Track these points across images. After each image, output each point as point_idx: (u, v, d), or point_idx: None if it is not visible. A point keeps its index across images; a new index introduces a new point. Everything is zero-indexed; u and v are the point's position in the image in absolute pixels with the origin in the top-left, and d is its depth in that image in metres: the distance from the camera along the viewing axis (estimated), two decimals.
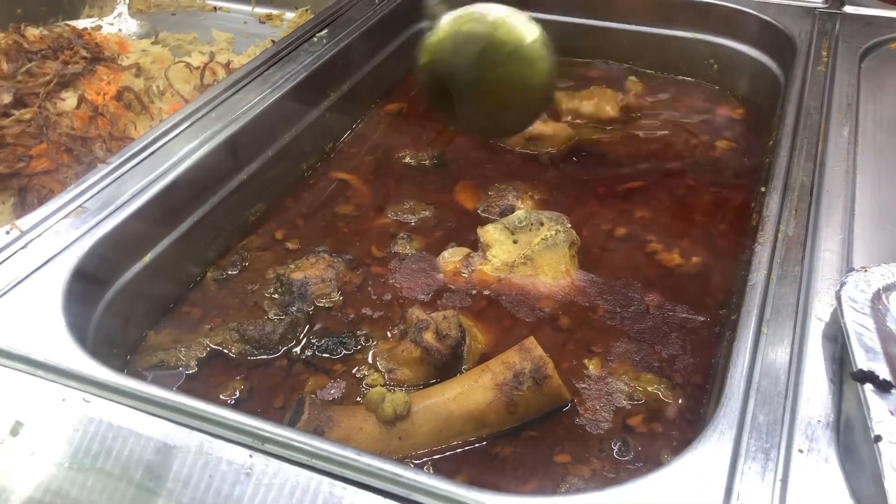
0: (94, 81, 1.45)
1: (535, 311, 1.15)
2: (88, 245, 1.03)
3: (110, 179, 1.15)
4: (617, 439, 0.96)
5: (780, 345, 0.86)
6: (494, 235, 1.24)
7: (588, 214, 1.35)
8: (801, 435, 0.76)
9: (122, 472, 0.78)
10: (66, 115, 1.38)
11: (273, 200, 1.39)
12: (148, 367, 1.08)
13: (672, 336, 1.10)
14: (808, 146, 1.19)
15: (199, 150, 1.22)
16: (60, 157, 1.33)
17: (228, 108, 1.33)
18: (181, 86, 1.59)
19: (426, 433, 0.94)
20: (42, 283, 0.97)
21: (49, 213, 1.08)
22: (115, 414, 0.82)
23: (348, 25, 1.61)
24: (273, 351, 1.09)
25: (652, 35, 1.75)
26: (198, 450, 0.78)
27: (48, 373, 0.86)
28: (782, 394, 0.81)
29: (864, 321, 0.81)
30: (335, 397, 1.03)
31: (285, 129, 1.42)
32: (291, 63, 1.47)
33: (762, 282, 0.95)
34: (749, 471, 0.73)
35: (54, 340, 0.90)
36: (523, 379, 0.96)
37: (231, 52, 1.90)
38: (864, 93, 1.32)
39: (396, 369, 1.05)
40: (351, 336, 1.11)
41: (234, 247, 1.30)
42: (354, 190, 1.44)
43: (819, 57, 1.42)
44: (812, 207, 1.06)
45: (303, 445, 0.76)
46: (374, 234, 1.32)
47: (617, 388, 1.03)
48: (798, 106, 1.29)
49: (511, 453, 0.95)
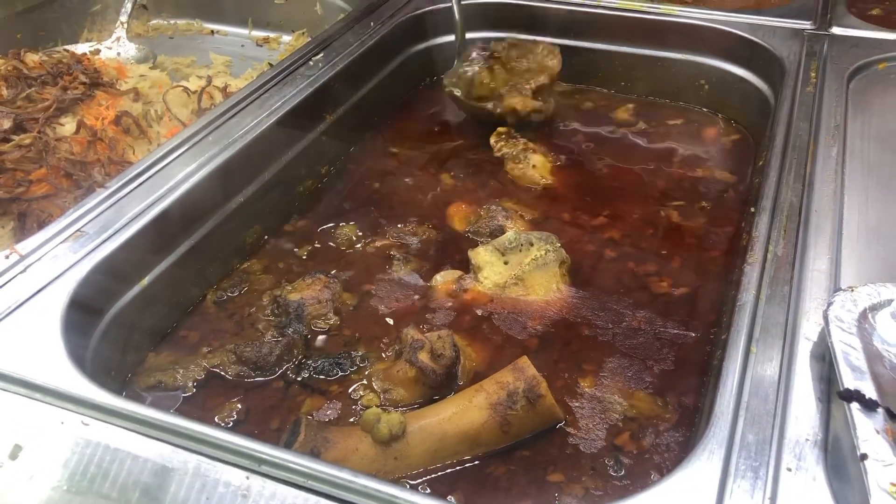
0: (93, 106, 1.47)
1: (527, 329, 1.17)
2: (87, 269, 1.04)
3: (109, 203, 1.16)
4: (609, 458, 0.97)
5: (769, 364, 0.88)
6: (485, 257, 1.25)
7: (578, 233, 1.37)
8: (790, 453, 0.77)
9: (120, 494, 0.78)
10: (65, 140, 1.39)
11: (270, 223, 1.40)
12: (146, 388, 1.09)
13: (664, 352, 1.11)
14: (797, 166, 1.20)
15: (196, 174, 1.24)
16: (59, 181, 1.34)
17: (225, 131, 1.34)
18: (179, 110, 1.61)
19: (421, 453, 0.95)
20: (41, 306, 0.98)
21: (48, 238, 1.09)
22: (113, 437, 0.83)
23: (344, 49, 1.63)
24: (270, 372, 1.10)
25: (641, 57, 1.77)
26: (195, 472, 0.79)
27: (47, 396, 0.87)
28: (771, 413, 0.82)
29: (850, 340, 0.83)
30: (331, 418, 1.04)
31: (282, 152, 1.43)
32: (288, 87, 1.49)
33: (751, 301, 0.96)
34: (738, 489, 0.75)
35: (53, 364, 0.90)
36: (517, 398, 0.97)
37: (229, 75, 1.93)
38: (852, 113, 1.34)
39: (392, 389, 1.06)
40: (347, 357, 1.12)
41: (233, 269, 1.31)
42: (350, 212, 1.46)
43: (808, 78, 1.44)
44: (801, 227, 1.08)
45: (299, 467, 0.77)
46: (370, 256, 1.34)
47: (609, 406, 1.04)
48: (787, 127, 1.31)
49: (505, 472, 0.96)
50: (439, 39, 1.74)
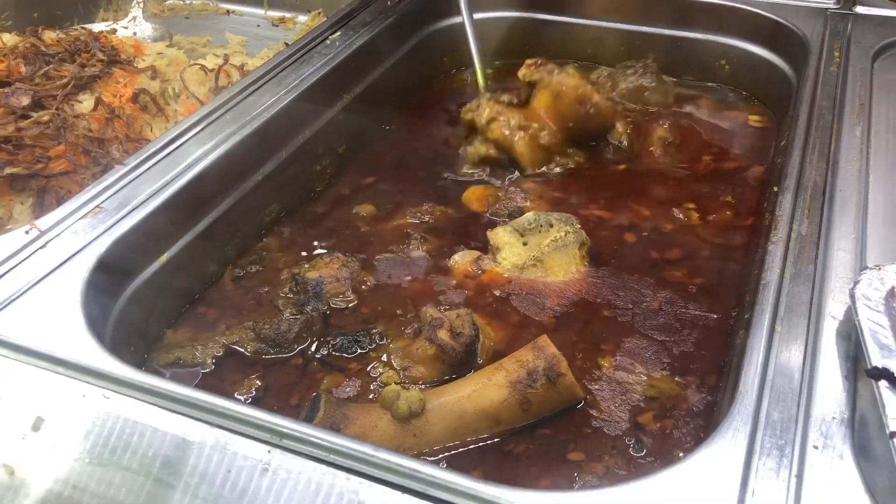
0: (111, 84, 1.46)
1: (546, 309, 1.16)
2: (106, 244, 1.05)
3: (127, 180, 1.16)
4: (630, 437, 0.96)
5: (794, 343, 0.87)
6: (504, 238, 1.24)
7: (598, 215, 1.35)
8: (816, 432, 0.76)
9: (141, 466, 0.78)
10: (84, 118, 1.39)
11: (287, 201, 1.40)
12: (165, 364, 1.09)
13: (684, 333, 1.10)
14: (820, 146, 1.19)
15: (214, 152, 1.23)
16: (78, 158, 1.34)
17: (243, 109, 1.34)
18: (196, 88, 1.61)
19: (440, 430, 0.95)
20: (61, 281, 0.99)
21: (67, 214, 1.09)
22: (134, 410, 0.83)
23: (361, 27, 1.62)
24: (288, 350, 1.10)
25: (662, 36, 1.75)
26: (215, 445, 0.79)
27: (68, 369, 0.87)
28: (796, 391, 0.81)
29: (878, 319, 0.82)
30: (350, 395, 1.03)
31: (300, 130, 1.42)
32: (305, 65, 1.48)
33: (776, 280, 0.95)
34: (764, 467, 0.74)
35: (74, 338, 0.91)
36: (537, 377, 0.97)
37: (244, 54, 1.92)
38: (877, 93, 1.32)
39: (411, 367, 1.05)
40: (366, 334, 1.12)
41: (251, 247, 1.31)
42: (368, 191, 1.45)
43: (831, 57, 1.42)
44: (825, 207, 1.06)
45: (321, 441, 0.77)
46: (388, 235, 1.33)
47: (630, 385, 1.03)
48: (810, 106, 1.29)
49: (525, 451, 0.95)
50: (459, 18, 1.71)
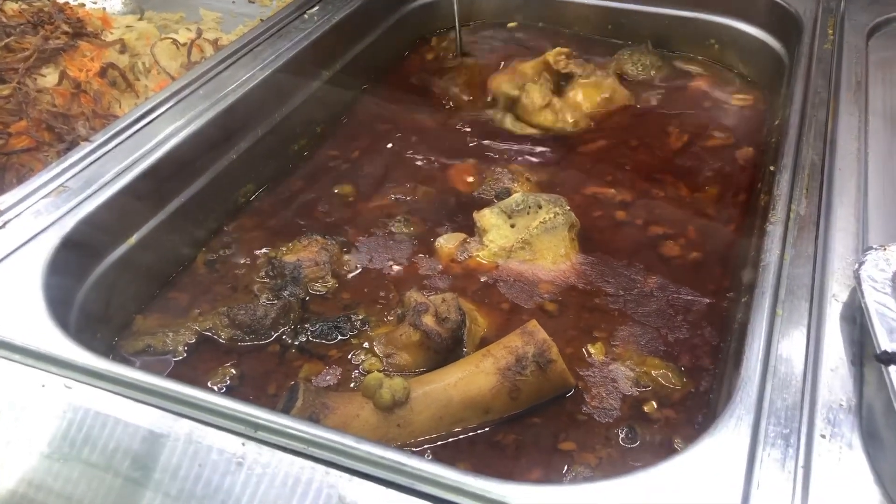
0: (77, 57, 1.40)
1: (535, 295, 1.12)
2: (70, 225, 1.00)
3: (93, 158, 1.11)
4: (623, 426, 0.92)
5: (797, 327, 0.83)
6: (491, 220, 1.20)
7: (587, 196, 1.31)
8: (823, 420, 0.73)
9: (107, 462, 0.74)
10: (47, 92, 1.33)
11: (263, 181, 1.35)
12: (134, 352, 1.03)
13: (677, 319, 1.07)
14: (817, 125, 1.15)
15: (185, 129, 1.18)
16: (41, 134, 1.28)
17: (216, 85, 1.28)
18: (168, 63, 1.55)
19: (426, 420, 0.90)
20: (21, 263, 0.94)
21: (29, 193, 1.04)
22: (99, 401, 0.78)
23: (341, 2, 1.56)
24: (265, 336, 1.05)
25: (651, 14, 1.71)
26: (187, 438, 0.74)
27: (26, 357, 0.82)
28: (800, 377, 0.77)
29: (885, 301, 0.78)
30: (331, 384, 0.99)
31: (276, 107, 1.37)
32: (282, 40, 1.42)
33: (775, 262, 0.92)
34: (769, 457, 0.70)
35: (34, 324, 0.86)
36: (526, 363, 0.93)
37: (219, 31, 1.85)
38: (873, 70, 1.28)
39: (395, 354, 1.01)
40: (346, 320, 1.07)
41: (224, 229, 1.26)
42: (347, 170, 1.40)
43: (825, 35, 1.39)
44: (824, 186, 1.03)
45: (298, 433, 0.72)
46: (370, 216, 1.28)
47: (622, 373, 0.99)
48: (805, 84, 1.25)
49: (514, 441, 0.91)
50: None
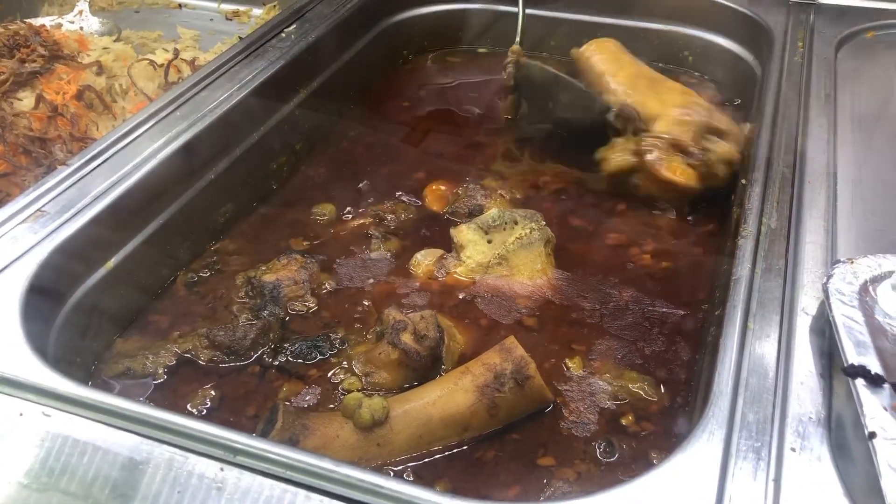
0: (53, 80, 1.40)
1: (513, 311, 1.13)
2: (48, 250, 0.99)
3: (71, 182, 1.10)
4: (602, 440, 0.93)
5: (767, 340, 0.84)
6: (468, 236, 1.21)
7: (562, 210, 1.32)
8: (793, 433, 0.74)
9: (87, 491, 0.73)
10: (24, 116, 1.33)
11: (242, 201, 1.35)
12: (114, 375, 1.03)
13: (653, 332, 1.08)
14: (787, 138, 1.17)
15: (163, 150, 1.18)
16: (18, 159, 1.27)
17: (194, 106, 1.28)
18: (145, 84, 1.55)
19: (405, 439, 0.91)
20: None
21: (6, 218, 1.03)
22: (78, 428, 0.78)
23: (318, 20, 1.57)
24: (245, 357, 1.05)
25: (623, 28, 1.73)
26: (167, 464, 0.74)
27: (4, 386, 0.82)
28: (771, 391, 0.79)
29: (852, 314, 0.80)
30: (311, 404, 0.99)
31: (254, 127, 1.37)
32: (259, 59, 1.42)
33: (747, 276, 0.93)
34: (740, 471, 0.71)
35: (11, 351, 0.85)
36: (504, 380, 0.93)
37: (197, 49, 1.86)
38: (842, 83, 1.31)
39: (374, 372, 1.01)
40: (326, 339, 1.07)
41: (205, 250, 1.26)
42: (326, 189, 1.41)
43: (795, 48, 1.41)
44: (794, 199, 1.05)
45: (277, 457, 0.73)
46: (348, 235, 1.28)
47: (600, 387, 1.00)
48: (776, 97, 1.28)
49: (493, 457, 0.92)
50: (419, 10, 1.67)
